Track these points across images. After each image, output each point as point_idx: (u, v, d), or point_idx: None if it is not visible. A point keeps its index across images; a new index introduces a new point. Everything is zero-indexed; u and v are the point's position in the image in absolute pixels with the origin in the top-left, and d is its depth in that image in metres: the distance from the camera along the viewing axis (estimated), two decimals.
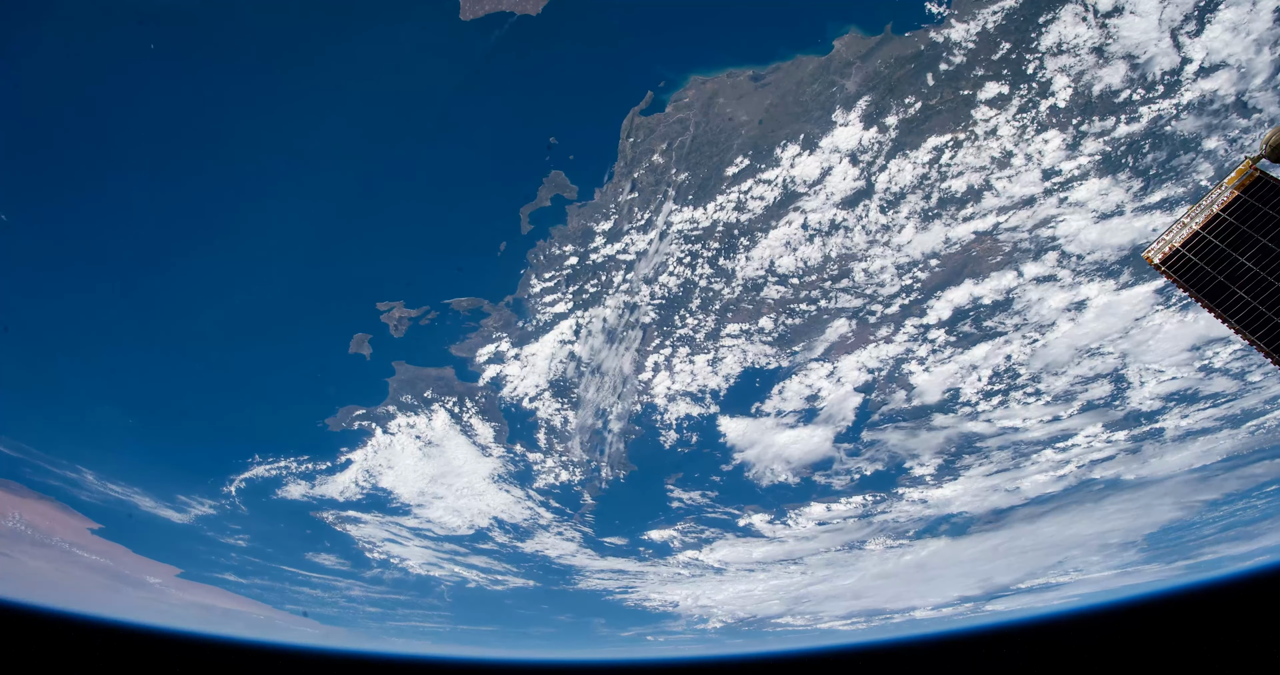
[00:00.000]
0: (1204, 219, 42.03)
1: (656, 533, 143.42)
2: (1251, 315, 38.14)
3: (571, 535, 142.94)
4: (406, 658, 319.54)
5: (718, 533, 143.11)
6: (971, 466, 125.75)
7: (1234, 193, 40.84)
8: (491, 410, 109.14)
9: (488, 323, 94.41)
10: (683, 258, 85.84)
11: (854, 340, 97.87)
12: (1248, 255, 38.80)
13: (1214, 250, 40.55)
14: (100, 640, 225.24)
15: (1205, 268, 40.55)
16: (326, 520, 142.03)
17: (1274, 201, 38.74)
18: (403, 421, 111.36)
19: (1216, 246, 40.44)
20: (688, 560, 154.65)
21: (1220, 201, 41.49)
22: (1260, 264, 38.01)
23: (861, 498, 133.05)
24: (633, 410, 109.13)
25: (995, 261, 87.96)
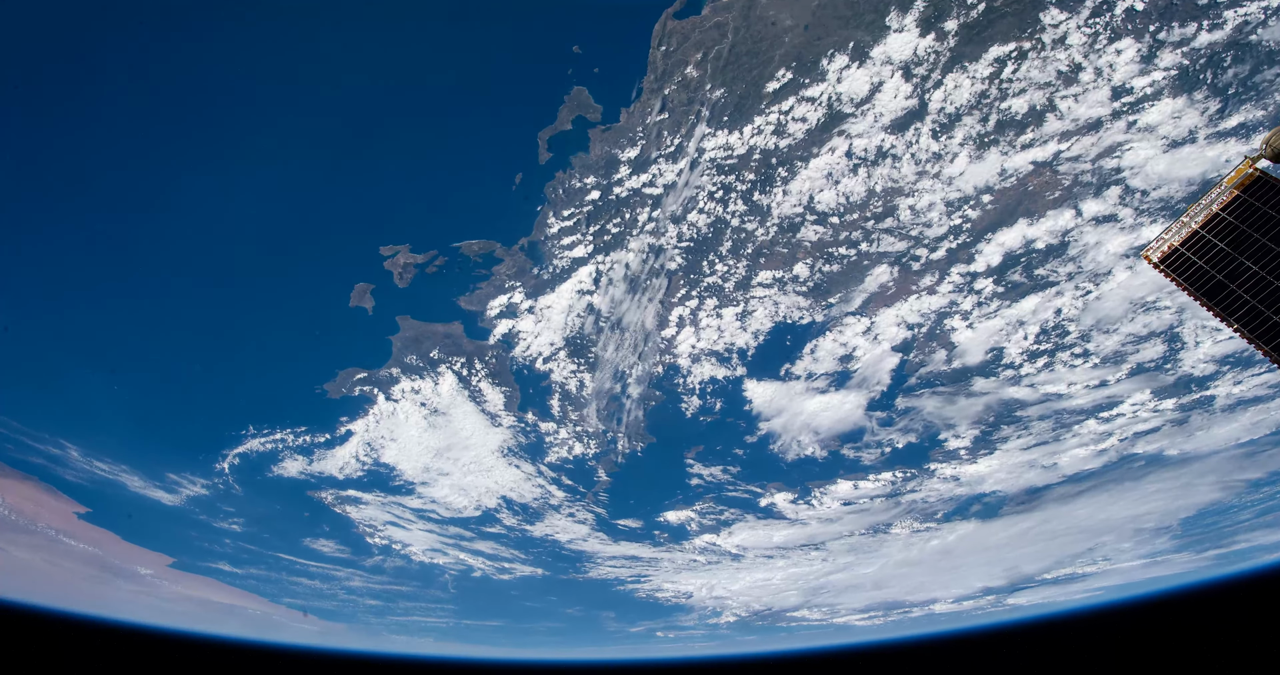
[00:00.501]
0: (1203, 218, 41.80)
1: (673, 514, 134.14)
2: (1251, 314, 37.98)
3: (584, 517, 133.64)
4: (408, 658, 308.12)
5: (737, 514, 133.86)
6: (1009, 439, 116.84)
7: (1234, 192, 40.51)
8: (502, 373, 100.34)
9: (500, 270, 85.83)
10: (714, 192, 77.45)
11: (895, 290, 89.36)
12: (1247, 255, 38.69)
13: (1213, 250, 40.49)
14: (95, 640, 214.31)
15: (1205, 267, 40.41)
16: (325, 501, 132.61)
17: (1274, 201, 38.64)
18: (407, 386, 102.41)
19: (1216, 246, 40.39)
20: (704, 545, 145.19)
21: (1220, 201, 41.32)
22: (1260, 263, 37.94)
23: (891, 474, 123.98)
24: (654, 372, 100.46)
25: (1053, 197, 79.64)
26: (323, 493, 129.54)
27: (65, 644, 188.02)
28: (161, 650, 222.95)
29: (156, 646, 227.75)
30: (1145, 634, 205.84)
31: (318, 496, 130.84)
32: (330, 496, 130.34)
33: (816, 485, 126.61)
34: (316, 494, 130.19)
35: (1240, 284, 38.60)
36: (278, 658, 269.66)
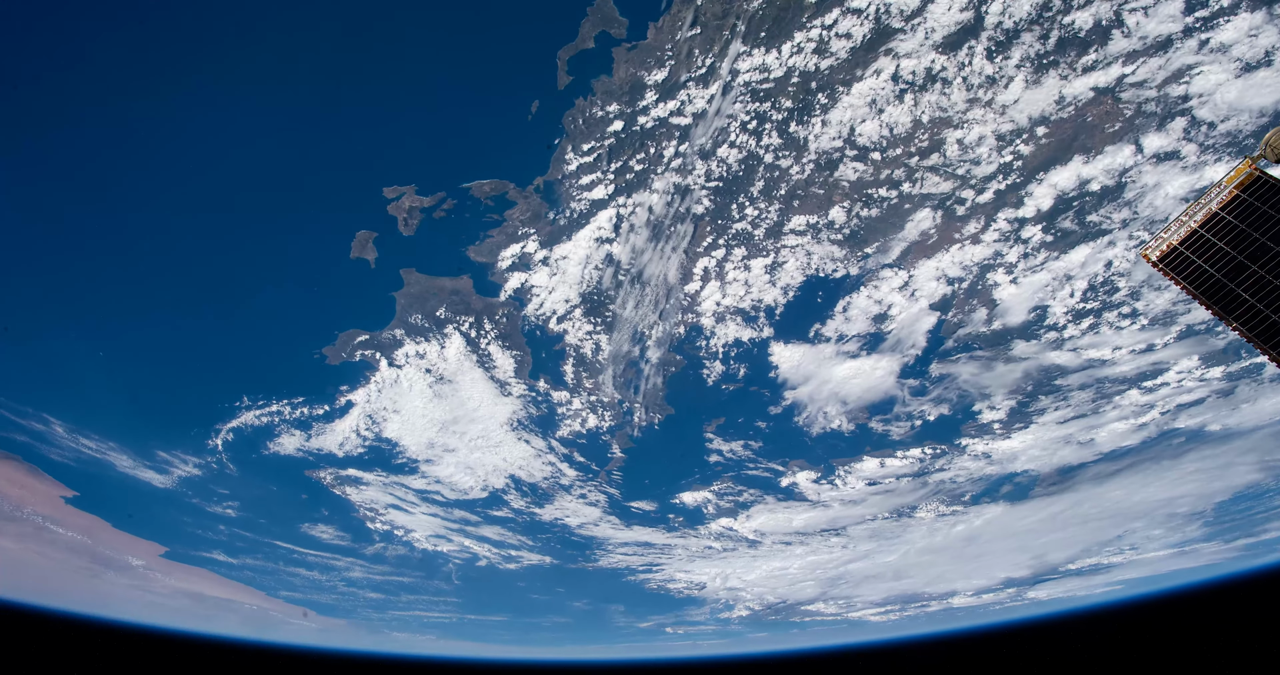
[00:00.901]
0: (1203, 217, 41.24)
1: (690, 495, 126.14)
2: (1250, 313, 37.43)
3: (596, 498, 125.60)
4: (409, 658, 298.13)
5: (757, 495, 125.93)
6: (1046, 411, 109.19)
7: (1233, 192, 39.93)
8: (513, 334, 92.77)
9: (513, 215, 78.51)
10: (747, 122, 70.30)
11: (936, 239, 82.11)
12: (1247, 254, 38.12)
13: (1212, 248, 40.03)
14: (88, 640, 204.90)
15: (1203, 266, 39.96)
16: (324, 481, 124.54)
17: (1273, 200, 38.06)
18: (411, 350, 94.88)
19: (1215, 245, 39.92)
20: (721, 530, 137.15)
21: (1219, 200, 40.76)
22: (1260, 262, 37.41)
23: (920, 451, 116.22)
24: (675, 334, 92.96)
25: (1113, 130, 72.61)
26: (321, 472, 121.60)
27: (58, 644, 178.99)
28: (157, 650, 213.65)
29: (152, 646, 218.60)
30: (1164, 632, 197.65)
31: (316, 477, 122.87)
32: (329, 476, 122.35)
33: (841, 463, 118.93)
34: (315, 474, 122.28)
35: (1240, 283, 38.14)
36: (277, 658, 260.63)
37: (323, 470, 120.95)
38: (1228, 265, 39.16)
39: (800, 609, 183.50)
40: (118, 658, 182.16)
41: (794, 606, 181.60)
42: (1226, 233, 39.75)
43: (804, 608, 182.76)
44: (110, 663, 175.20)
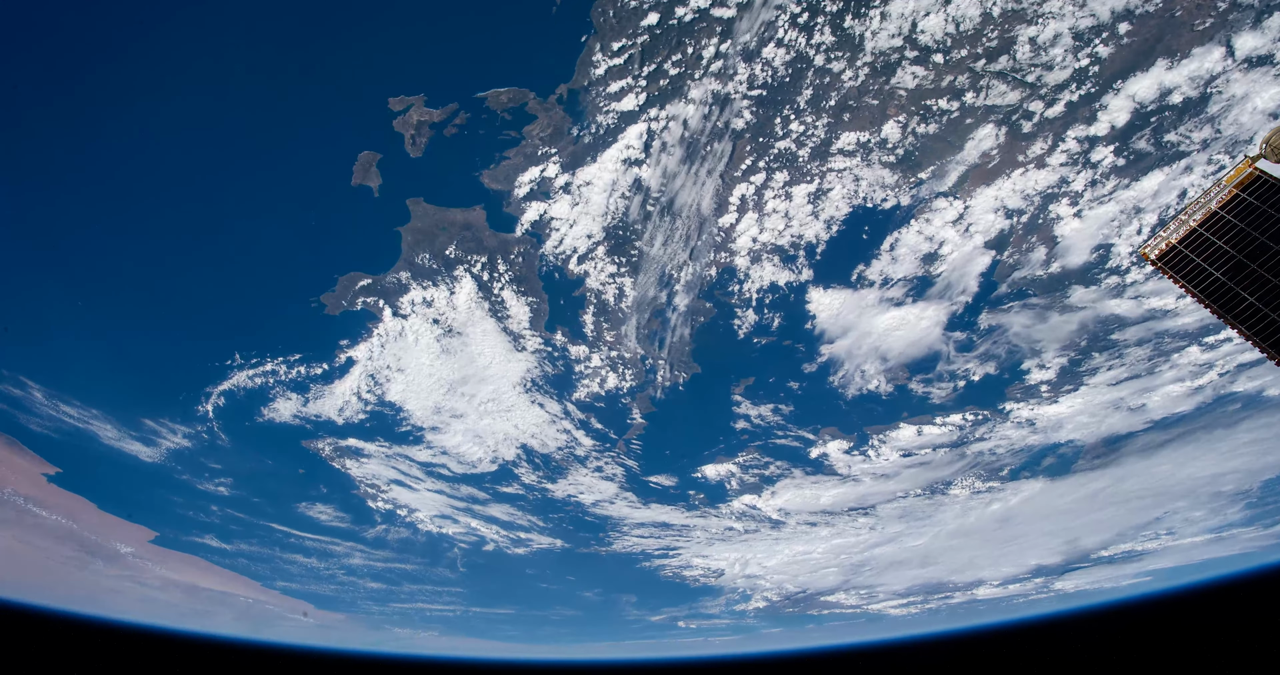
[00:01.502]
0: (1202, 216, 40.72)
1: (712, 468, 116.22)
2: (1249, 311, 36.72)
3: (612, 472, 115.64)
4: (410, 658, 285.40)
5: (784, 468, 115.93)
6: (1099, 370, 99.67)
7: (1232, 191, 39.47)
8: (529, 278, 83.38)
9: (533, 132, 69.45)
10: (797, 14, 61.51)
11: (998, 162, 73.12)
12: (1246, 253, 37.42)
13: (1211, 247, 39.36)
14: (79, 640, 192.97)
15: (1202, 264, 39.31)
16: (322, 453, 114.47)
17: (1272, 200, 37.39)
18: (417, 296, 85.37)
19: (1215, 244, 39.23)
20: (743, 508, 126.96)
21: (1219, 200, 40.14)
22: (1259, 261, 36.74)
23: (960, 417, 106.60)
24: (706, 277, 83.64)
25: (1201, 28, 64.04)
26: (319, 443, 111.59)
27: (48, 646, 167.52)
28: (152, 650, 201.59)
29: (146, 645, 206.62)
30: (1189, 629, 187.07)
31: (314, 448, 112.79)
32: (328, 447, 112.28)
33: (876, 431, 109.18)
34: (312, 445, 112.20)
35: (1239, 281, 37.39)
36: (276, 658, 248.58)
37: (321, 440, 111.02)
38: (1227, 264, 38.48)
39: (819, 600, 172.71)
40: (112, 659, 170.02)
41: (813, 597, 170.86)
42: (1226, 232, 39.14)
43: (824, 599, 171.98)
44: (104, 664, 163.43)
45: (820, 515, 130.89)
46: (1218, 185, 40.74)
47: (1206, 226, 40.41)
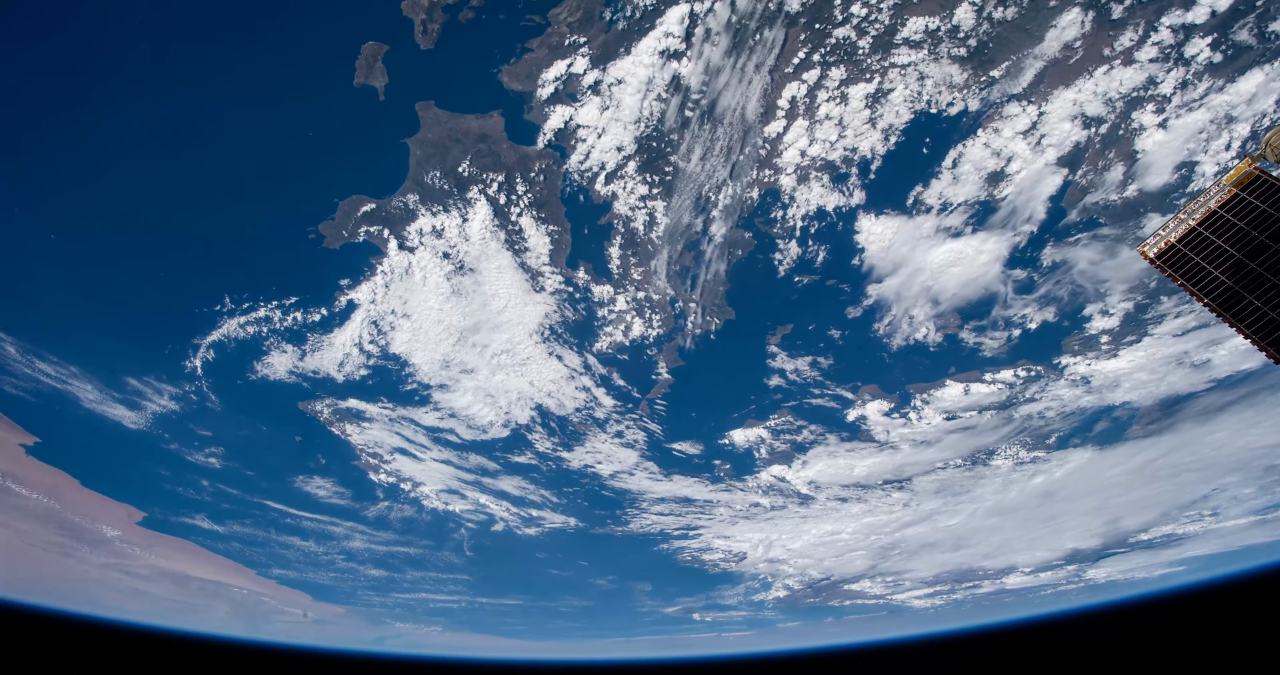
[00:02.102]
0: (1201, 215, 40.13)
1: (741, 433, 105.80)
2: (1249, 310, 36.30)
3: (634, 437, 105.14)
4: (411, 658, 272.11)
5: (818, 433, 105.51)
6: (1165, 318, 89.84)
7: (1232, 191, 38.85)
8: (551, 202, 73.58)
9: (560, 16, 60.01)
10: None
11: (1080, 56, 63.78)
12: (1245, 251, 37.06)
13: (1210, 246, 38.90)
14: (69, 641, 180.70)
15: (1201, 263, 38.88)
16: (321, 417, 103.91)
17: (1272, 199, 37.01)
18: (426, 225, 75.48)
19: (1214, 242, 38.80)
20: (771, 481, 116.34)
21: (1218, 199, 39.59)
22: (1257, 260, 36.39)
23: (1011, 373, 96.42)
24: (746, 201, 73.89)
25: None
26: (318, 405, 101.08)
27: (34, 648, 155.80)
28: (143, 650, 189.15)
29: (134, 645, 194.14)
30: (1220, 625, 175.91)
31: (312, 411, 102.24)
32: (326, 410, 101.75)
33: (919, 391, 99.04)
34: (310, 407, 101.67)
35: (1238, 280, 36.67)
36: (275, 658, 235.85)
37: (319, 402, 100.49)
38: (1226, 263, 37.75)
39: (842, 589, 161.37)
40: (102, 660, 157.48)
41: (837, 585, 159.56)
42: (1225, 231, 38.44)
43: (847, 587, 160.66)
44: (94, 666, 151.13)
45: (852, 489, 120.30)
46: (1217, 184, 39.86)
47: (1206, 225, 39.64)
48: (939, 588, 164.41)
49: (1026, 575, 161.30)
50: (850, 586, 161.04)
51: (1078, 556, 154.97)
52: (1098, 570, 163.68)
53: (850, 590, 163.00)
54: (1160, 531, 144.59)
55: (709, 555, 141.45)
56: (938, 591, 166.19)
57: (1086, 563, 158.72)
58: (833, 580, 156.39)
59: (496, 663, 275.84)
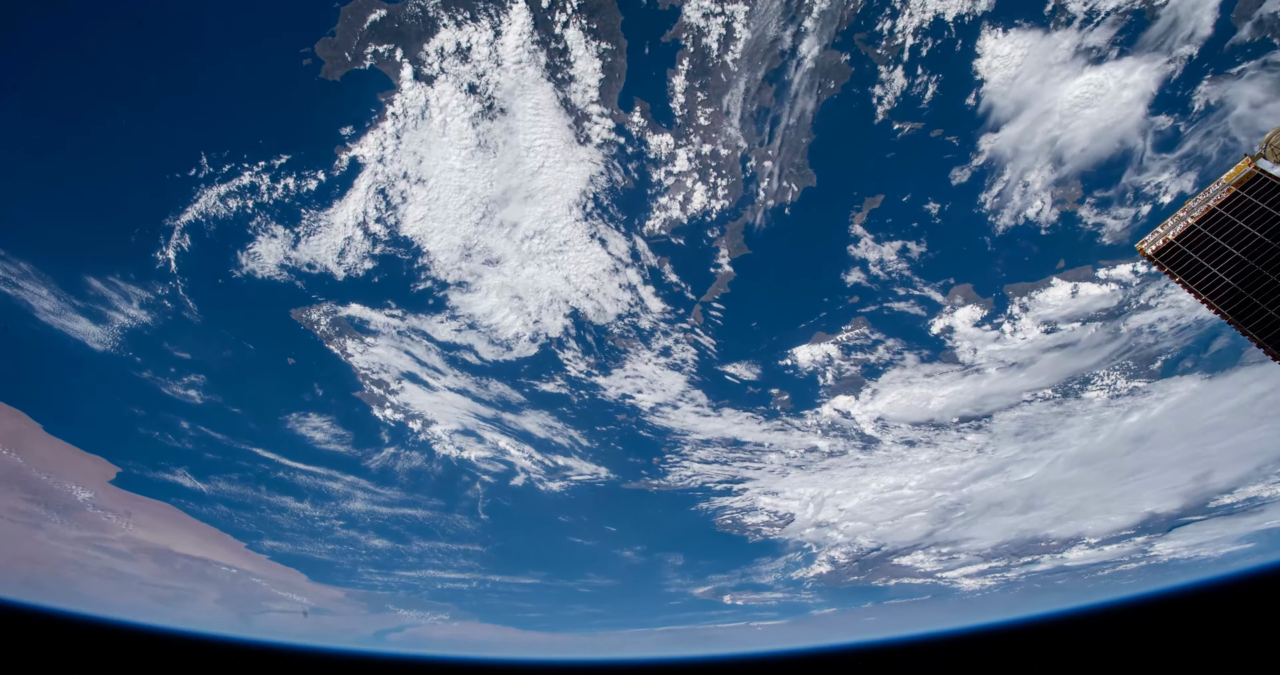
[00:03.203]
0: (1200, 213, 39.38)
1: (807, 351, 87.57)
2: (1247, 308, 35.72)
3: (682, 356, 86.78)
4: (413, 658, 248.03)
5: (895, 351, 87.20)
6: None
7: (1231, 189, 38.28)
8: (605, 7, 56.86)
9: None
10: None
11: None
12: (1244, 250, 36.40)
13: (1209, 244, 38.36)
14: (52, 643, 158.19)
15: (1200, 261, 38.32)
16: (317, 329, 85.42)
17: (1272, 198, 36.45)
18: (448, 42, 58.47)
19: (1212, 240, 38.27)
20: (834, 417, 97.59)
21: (1217, 198, 38.96)
22: (1256, 258, 35.75)
23: (1130, 268, 78.82)
24: (848, 6, 57.14)
25: None
26: (314, 313, 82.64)
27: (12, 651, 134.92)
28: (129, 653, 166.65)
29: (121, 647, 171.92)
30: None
31: (306, 322, 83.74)
32: (324, 320, 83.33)
33: (1020, 292, 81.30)
34: (305, 316, 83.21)
35: (1237, 278, 36.06)
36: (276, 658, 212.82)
37: (316, 308, 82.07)
38: (1225, 260, 36.94)
39: (891, 563, 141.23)
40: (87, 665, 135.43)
41: (886, 558, 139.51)
42: (1225, 229, 37.67)
43: (897, 560, 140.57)
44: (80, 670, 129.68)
45: (923, 430, 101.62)
46: (1217, 183, 38.83)
47: (1205, 224, 38.79)
48: (994, 563, 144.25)
49: (1090, 548, 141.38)
50: (900, 560, 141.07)
51: (1151, 524, 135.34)
52: (1165, 544, 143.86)
53: (899, 565, 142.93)
54: (1247, 493, 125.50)
55: (752, 518, 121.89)
56: (992, 568, 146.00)
57: (1157, 533, 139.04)
58: (883, 551, 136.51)
59: (502, 664, 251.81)
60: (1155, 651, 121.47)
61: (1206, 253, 38.23)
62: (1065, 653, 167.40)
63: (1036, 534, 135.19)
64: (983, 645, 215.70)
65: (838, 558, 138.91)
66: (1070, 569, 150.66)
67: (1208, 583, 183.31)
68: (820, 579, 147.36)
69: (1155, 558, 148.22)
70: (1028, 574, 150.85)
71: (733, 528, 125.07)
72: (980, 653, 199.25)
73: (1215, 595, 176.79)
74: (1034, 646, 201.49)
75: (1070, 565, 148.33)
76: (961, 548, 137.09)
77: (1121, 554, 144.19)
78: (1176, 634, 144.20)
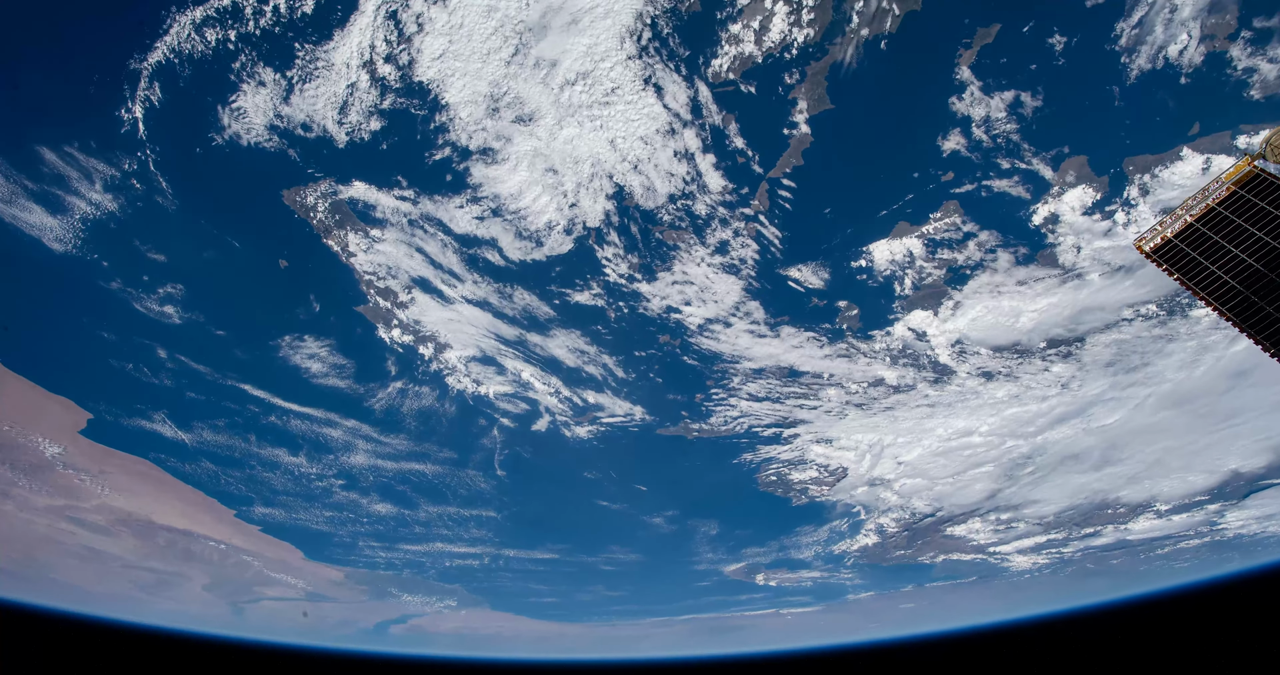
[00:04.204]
0: (1200, 211, 38.46)
1: (887, 246, 72.02)
2: (1245, 306, 34.65)
3: (741, 254, 71.32)
4: (416, 658, 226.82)
5: (986, 247, 71.72)
6: None
7: (1231, 188, 37.44)
8: None
9: None
10: None
11: None
12: (1243, 248, 35.52)
13: (1208, 242, 37.38)
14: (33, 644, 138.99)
15: (1198, 258, 37.26)
16: (314, 219, 69.82)
17: (1271, 197, 35.65)
18: None
19: (1210, 238, 37.30)
20: (907, 339, 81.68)
21: (1216, 196, 38.06)
22: (1255, 256, 34.89)
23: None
24: None
25: None
26: (309, 195, 67.06)
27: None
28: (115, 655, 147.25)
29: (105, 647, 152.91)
30: None
31: (301, 207, 68.26)
32: (322, 205, 67.80)
33: (1142, 168, 66.35)
34: (299, 199, 67.63)
35: (1235, 275, 35.07)
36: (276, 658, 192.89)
37: (313, 189, 66.67)
38: (1224, 258, 35.83)
39: (944, 534, 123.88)
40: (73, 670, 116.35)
41: (939, 527, 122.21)
42: (1223, 227, 36.65)
43: (950, 530, 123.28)
44: None
45: (1005, 357, 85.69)
46: (1216, 181, 37.81)
47: (1204, 222, 37.77)
48: (1053, 535, 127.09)
49: (1159, 518, 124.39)
50: (953, 530, 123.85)
51: (1230, 487, 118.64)
52: (1239, 513, 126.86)
53: (951, 537, 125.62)
54: None
55: (800, 473, 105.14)
56: (1050, 542, 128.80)
57: (1232, 501, 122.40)
58: (938, 517, 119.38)
59: (508, 664, 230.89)
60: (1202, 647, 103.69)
61: (1205, 250, 37.01)
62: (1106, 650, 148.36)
63: (1106, 497, 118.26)
64: (1024, 638, 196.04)
65: (887, 526, 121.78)
66: (1130, 545, 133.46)
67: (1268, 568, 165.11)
68: (864, 553, 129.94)
69: (1222, 531, 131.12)
70: (1085, 550, 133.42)
71: (777, 486, 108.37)
72: (1020, 649, 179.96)
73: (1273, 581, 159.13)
74: (1078, 638, 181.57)
75: (1132, 538, 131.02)
76: (1023, 514, 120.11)
77: (1189, 526, 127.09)
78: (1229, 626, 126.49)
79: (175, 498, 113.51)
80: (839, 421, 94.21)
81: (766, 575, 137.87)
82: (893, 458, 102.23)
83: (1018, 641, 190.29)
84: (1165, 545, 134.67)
